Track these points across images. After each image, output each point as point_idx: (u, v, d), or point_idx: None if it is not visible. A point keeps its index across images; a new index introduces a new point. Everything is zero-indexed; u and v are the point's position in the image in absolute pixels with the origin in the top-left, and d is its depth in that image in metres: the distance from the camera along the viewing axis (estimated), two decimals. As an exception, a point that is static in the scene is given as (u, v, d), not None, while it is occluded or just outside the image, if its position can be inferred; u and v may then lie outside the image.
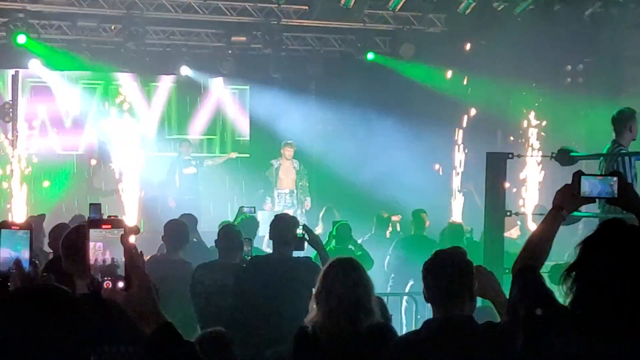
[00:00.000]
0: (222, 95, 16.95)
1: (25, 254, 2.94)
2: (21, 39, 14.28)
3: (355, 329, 4.29)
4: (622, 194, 3.40)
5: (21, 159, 14.54)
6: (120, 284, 2.43)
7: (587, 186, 3.39)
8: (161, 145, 16.55)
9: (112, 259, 2.44)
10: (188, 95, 16.85)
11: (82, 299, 2.56)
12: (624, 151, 8.28)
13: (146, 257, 7.40)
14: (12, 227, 2.96)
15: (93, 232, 2.46)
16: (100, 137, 15.85)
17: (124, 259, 2.44)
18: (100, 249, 2.45)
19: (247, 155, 16.90)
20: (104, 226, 2.47)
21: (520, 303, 3.24)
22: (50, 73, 15.63)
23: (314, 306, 4.42)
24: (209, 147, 16.92)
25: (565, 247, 4.34)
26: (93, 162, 15.87)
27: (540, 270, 3.38)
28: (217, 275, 6.90)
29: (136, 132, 16.03)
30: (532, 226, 11.42)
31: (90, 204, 5.18)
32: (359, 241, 10.78)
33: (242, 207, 10.18)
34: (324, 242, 7.81)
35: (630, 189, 3.47)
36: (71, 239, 4.02)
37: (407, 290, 10.25)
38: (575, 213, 3.77)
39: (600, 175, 3.51)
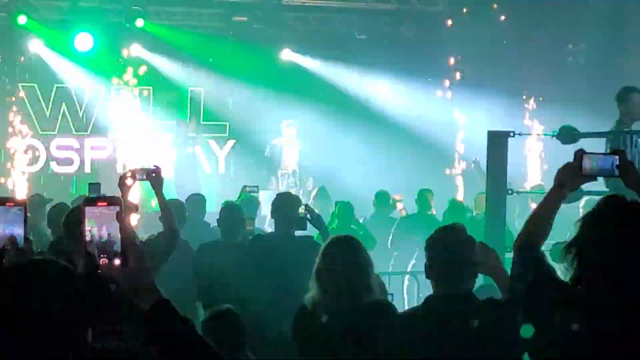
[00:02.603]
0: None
1: (19, 230, 2.94)
2: (22, 19, 14.24)
3: (355, 306, 4.29)
4: (623, 172, 3.40)
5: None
6: (117, 261, 2.42)
7: (589, 164, 3.39)
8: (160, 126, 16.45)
9: (109, 235, 2.43)
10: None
11: (79, 276, 2.55)
12: (627, 130, 8.27)
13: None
14: (7, 204, 2.96)
15: (89, 210, 2.45)
16: None
17: (120, 236, 2.43)
18: (96, 226, 2.44)
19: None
20: (99, 204, 2.45)
21: (521, 279, 3.25)
22: (51, 54, 15.55)
23: (314, 284, 4.42)
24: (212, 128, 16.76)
25: (566, 226, 4.35)
26: None
27: (542, 248, 3.39)
28: (220, 255, 6.89)
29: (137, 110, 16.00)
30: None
31: (90, 184, 5.17)
32: (361, 220, 10.79)
33: (245, 186, 10.12)
34: (326, 222, 7.81)
35: (632, 167, 3.47)
36: (71, 218, 4.03)
37: (409, 269, 10.27)
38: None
39: (602, 153, 3.50)
